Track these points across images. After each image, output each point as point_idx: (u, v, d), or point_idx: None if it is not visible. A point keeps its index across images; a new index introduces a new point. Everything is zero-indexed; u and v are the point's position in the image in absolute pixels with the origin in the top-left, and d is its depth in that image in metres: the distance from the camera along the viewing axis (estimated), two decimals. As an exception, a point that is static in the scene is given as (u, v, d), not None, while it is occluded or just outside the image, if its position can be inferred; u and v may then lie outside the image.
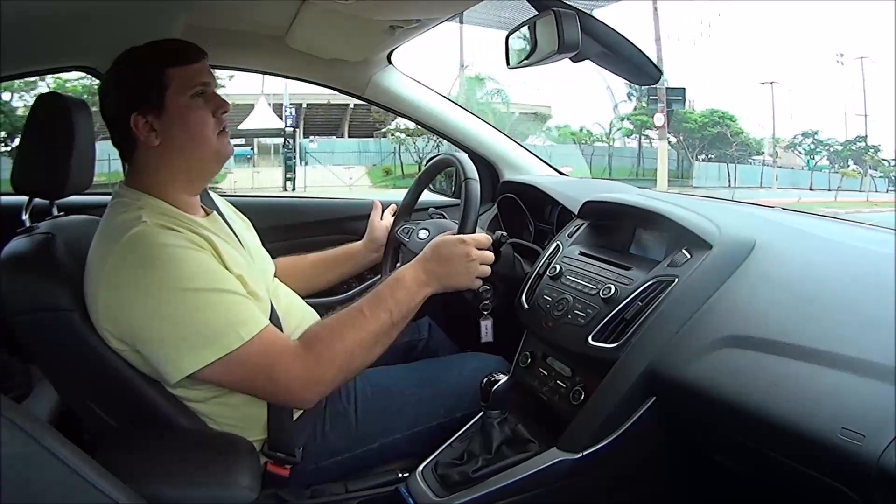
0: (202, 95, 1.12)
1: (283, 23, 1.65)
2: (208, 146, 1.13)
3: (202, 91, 1.12)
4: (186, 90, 1.10)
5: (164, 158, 1.11)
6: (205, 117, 1.12)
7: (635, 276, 1.14)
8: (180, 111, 1.10)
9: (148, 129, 1.09)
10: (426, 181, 1.61)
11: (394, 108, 2.03)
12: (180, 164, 1.12)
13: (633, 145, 22.92)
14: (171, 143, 1.10)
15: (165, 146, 1.10)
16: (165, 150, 1.11)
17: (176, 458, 1.01)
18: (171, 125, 1.10)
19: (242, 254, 1.17)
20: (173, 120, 1.10)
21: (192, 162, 1.13)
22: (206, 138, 1.12)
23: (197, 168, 1.14)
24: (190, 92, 1.10)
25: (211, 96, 1.13)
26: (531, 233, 1.80)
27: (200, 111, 1.11)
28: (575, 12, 1.02)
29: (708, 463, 1.03)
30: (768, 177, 22.01)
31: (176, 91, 1.09)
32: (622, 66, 1.12)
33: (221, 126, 1.14)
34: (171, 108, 1.09)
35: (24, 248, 1.07)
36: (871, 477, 0.70)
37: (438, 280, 1.19)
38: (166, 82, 1.09)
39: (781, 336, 0.90)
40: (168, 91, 1.09)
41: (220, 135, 1.14)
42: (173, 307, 0.98)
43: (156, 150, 1.10)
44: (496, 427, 1.16)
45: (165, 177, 1.12)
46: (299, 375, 1.04)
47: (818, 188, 21.17)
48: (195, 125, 1.11)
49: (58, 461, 0.72)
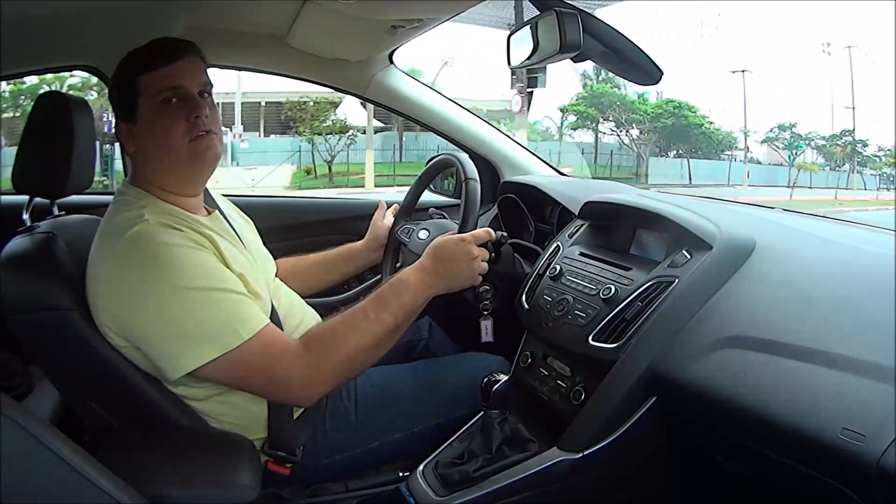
0: (172, 101, 1.09)
1: (284, 22, 1.65)
2: (175, 153, 1.09)
3: (171, 96, 1.09)
4: (156, 96, 1.08)
5: (144, 163, 1.13)
6: (172, 124, 1.08)
7: (635, 276, 1.14)
8: (149, 119, 1.09)
9: (129, 135, 1.11)
10: (427, 181, 1.61)
11: (395, 108, 2.03)
12: (156, 168, 1.12)
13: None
14: (145, 150, 1.12)
15: (140, 153, 1.12)
16: (141, 156, 1.12)
17: (176, 457, 1.01)
18: (142, 133, 1.10)
19: (244, 253, 1.17)
20: (144, 128, 1.10)
21: (162, 167, 1.12)
22: (172, 145, 1.09)
23: (173, 173, 1.12)
24: (159, 98, 1.08)
25: (183, 101, 1.09)
26: (531, 233, 1.80)
27: (167, 118, 1.08)
28: (577, 12, 1.02)
29: (708, 463, 1.03)
30: (740, 173, 21.36)
31: (146, 99, 1.09)
32: (624, 66, 1.12)
33: (198, 131, 1.10)
34: (140, 117, 1.10)
35: (25, 247, 1.07)
36: (871, 477, 0.70)
37: (442, 281, 1.19)
38: (138, 91, 1.09)
39: (782, 336, 0.90)
40: (140, 99, 1.09)
41: (195, 140, 1.10)
42: (174, 305, 0.98)
43: (136, 156, 1.13)
44: (496, 427, 1.16)
45: (154, 179, 1.12)
46: (299, 375, 1.04)
47: (801, 185, 20.72)
48: (162, 132, 1.09)
49: (59, 460, 0.72)
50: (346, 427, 1.20)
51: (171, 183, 1.13)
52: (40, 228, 1.13)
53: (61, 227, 1.15)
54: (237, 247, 1.16)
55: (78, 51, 1.62)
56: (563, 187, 1.67)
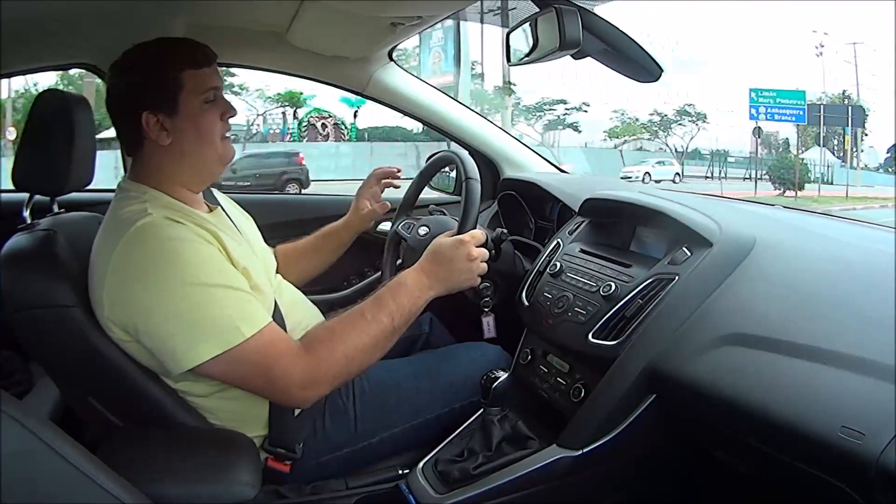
0: (213, 100, 1.12)
1: (284, 20, 1.65)
2: (214, 150, 1.14)
3: (213, 97, 1.12)
4: (200, 94, 1.10)
5: (173, 157, 1.11)
6: (214, 122, 1.13)
7: (636, 273, 1.14)
8: (193, 114, 1.10)
9: (159, 127, 1.09)
10: (427, 178, 1.61)
11: (395, 106, 2.02)
12: (187, 164, 1.12)
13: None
14: (181, 144, 1.11)
15: (175, 146, 1.11)
16: (175, 150, 1.11)
17: (177, 454, 1.01)
18: (182, 127, 1.10)
19: (246, 248, 1.17)
20: (185, 122, 1.10)
21: (198, 164, 1.13)
22: (213, 142, 1.13)
23: (202, 170, 1.15)
24: (203, 96, 1.11)
25: (220, 100, 1.14)
26: (532, 230, 1.80)
27: (210, 115, 1.12)
28: (576, 9, 1.02)
29: (708, 460, 1.03)
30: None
31: (190, 94, 1.09)
32: (624, 64, 1.11)
33: (227, 130, 1.16)
34: (183, 111, 1.09)
35: (25, 244, 1.07)
36: (870, 475, 0.70)
37: (441, 283, 1.19)
38: (181, 84, 1.09)
39: (781, 334, 0.90)
40: (182, 93, 1.09)
41: (224, 139, 1.15)
42: (177, 301, 0.98)
43: (164, 149, 1.11)
44: (496, 424, 1.16)
45: (170, 174, 1.12)
46: (298, 376, 1.04)
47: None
48: (206, 129, 1.12)
49: (59, 458, 0.72)
50: (345, 423, 1.20)
51: (192, 178, 1.14)
52: (40, 226, 1.13)
53: (61, 224, 1.15)
54: (240, 242, 1.17)
55: (77, 49, 1.62)
56: (564, 184, 1.67)
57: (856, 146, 21.15)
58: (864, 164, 21.22)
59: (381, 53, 1.88)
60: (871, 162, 21.23)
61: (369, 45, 1.79)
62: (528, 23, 1.14)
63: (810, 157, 21.06)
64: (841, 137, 21.39)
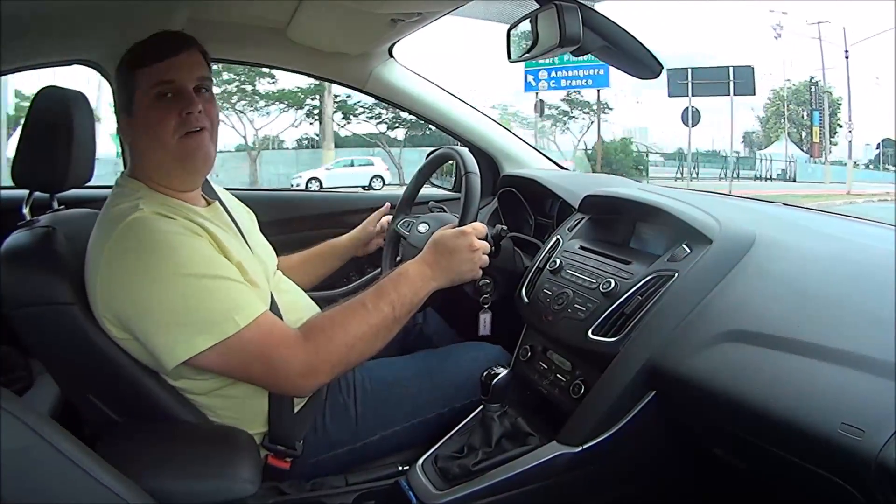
0: (167, 95, 1.08)
1: (284, 16, 1.65)
2: (165, 148, 1.09)
3: (165, 91, 1.08)
4: (150, 91, 1.08)
5: (140, 157, 1.13)
6: (164, 118, 1.08)
7: (635, 270, 1.14)
8: (144, 113, 1.09)
9: (127, 129, 1.12)
10: (427, 175, 1.61)
11: (395, 102, 2.02)
12: (150, 163, 1.12)
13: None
14: (138, 144, 1.12)
15: (135, 147, 1.13)
16: (135, 150, 1.13)
17: (176, 450, 1.01)
18: (136, 126, 1.10)
19: (241, 243, 1.17)
20: (138, 121, 1.10)
21: (156, 163, 1.11)
22: (163, 140, 1.08)
23: (164, 168, 1.11)
24: (153, 92, 1.08)
25: (177, 96, 1.08)
26: (531, 227, 1.80)
27: (160, 112, 1.08)
28: (576, 5, 1.02)
29: (708, 457, 1.03)
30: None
31: (142, 93, 1.08)
32: (624, 60, 1.11)
33: (189, 127, 1.09)
34: (136, 111, 1.09)
35: (25, 241, 1.07)
36: (870, 472, 0.70)
37: (443, 274, 1.19)
38: (135, 85, 1.09)
39: (781, 331, 0.90)
40: (137, 93, 1.09)
41: (185, 136, 1.09)
42: (170, 293, 0.98)
43: (132, 150, 1.13)
44: (496, 421, 1.16)
45: (150, 173, 1.12)
46: (297, 364, 1.04)
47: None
48: (154, 127, 1.08)
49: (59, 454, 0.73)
50: (345, 421, 1.20)
51: (164, 177, 1.12)
52: (40, 222, 1.13)
53: (61, 221, 1.15)
54: (235, 237, 1.16)
55: (78, 46, 1.62)
56: (563, 181, 1.67)
57: (824, 138, 19.58)
58: (856, 158, 19.75)
59: (382, 50, 1.88)
60: (850, 155, 19.33)
61: (369, 42, 1.79)
62: (528, 19, 1.14)
63: (770, 152, 20.07)
64: (809, 129, 19.88)
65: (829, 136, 20.63)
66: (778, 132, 21.28)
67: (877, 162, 22.46)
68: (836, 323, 0.88)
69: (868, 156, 23.20)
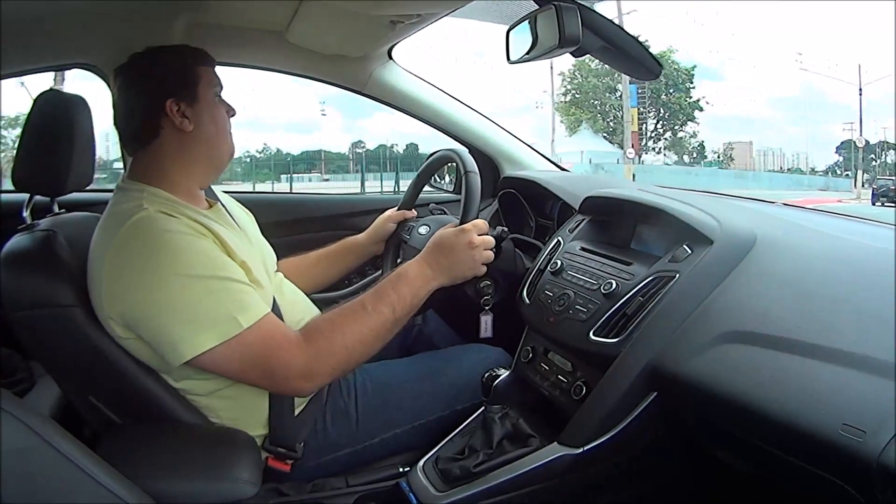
0: (219, 96, 1.20)
1: (283, 19, 1.65)
2: (227, 141, 1.20)
3: (220, 92, 1.20)
4: (212, 88, 1.18)
5: (190, 145, 1.15)
6: (225, 116, 1.20)
7: (636, 271, 1.14)
8: (209, 105, 1.16)
9: (181, 115, 1.13)
10: (427, 177, 1.61)
11: (395, 104, 2.02)
12: (203, 152, 1.16)
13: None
14: (201, 131, 1.15)
15: (196, 133, 1.14)
16: (195, 137, 1.15)
17: (177, 452, 1.01)
18: (202, 116, 1.15)
19: (245, 243, 1.17)
20: (204, 112, 1.15)
21: (214, 153, 1.18)
22: (228, 133, 1.20)
23: (216, 159, 1.19)
24: (214, 90, 1.18)
25: (223, 98, 1.21)
26: (532, 228, 1.80)
27: (222, 109, 1.19)
28: (576, 6, 1.02)
29: (708, 458, 1.03)
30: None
31: (205, 87, 1.16)
32: (623, 61, 1.11)
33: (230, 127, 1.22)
34: (202, 101, 1.15)
35: (25, 244, 1.08)
36: (871, 473, 0.69)
37: (444, 272, 1.19)
38: (199, 77, 1.16)
39: (782, 332, 0.90)
40: (200, 85, 1.15)
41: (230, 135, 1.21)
42: (174, 292, 0.99)
43: (184, 137, 1.14)
44: (497, 422, 1.16)
45: (182, 165, 1.14)
46: (298, 366, 1.04)
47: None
48: (220, 120, 1.19)
49: (59, 455, 0.73)
50: (346, 423, 1.20)
51: (201, 168, 1.17)
52: (40, 226, 1.13)
53: (61, 224, 1.15)
54: (238, 236, 1.17)
55: (78, 49, 1.62)
56: (564, 182, 1.67)
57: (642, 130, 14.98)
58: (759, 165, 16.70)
59: (381, 52, 1.88)
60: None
61: (369, 44, 1.79)
62: (527, 20, 1.14)
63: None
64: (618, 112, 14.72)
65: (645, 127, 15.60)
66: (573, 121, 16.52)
67: (836, 166, 21.17)
68: (836, 323, 0.88)
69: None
